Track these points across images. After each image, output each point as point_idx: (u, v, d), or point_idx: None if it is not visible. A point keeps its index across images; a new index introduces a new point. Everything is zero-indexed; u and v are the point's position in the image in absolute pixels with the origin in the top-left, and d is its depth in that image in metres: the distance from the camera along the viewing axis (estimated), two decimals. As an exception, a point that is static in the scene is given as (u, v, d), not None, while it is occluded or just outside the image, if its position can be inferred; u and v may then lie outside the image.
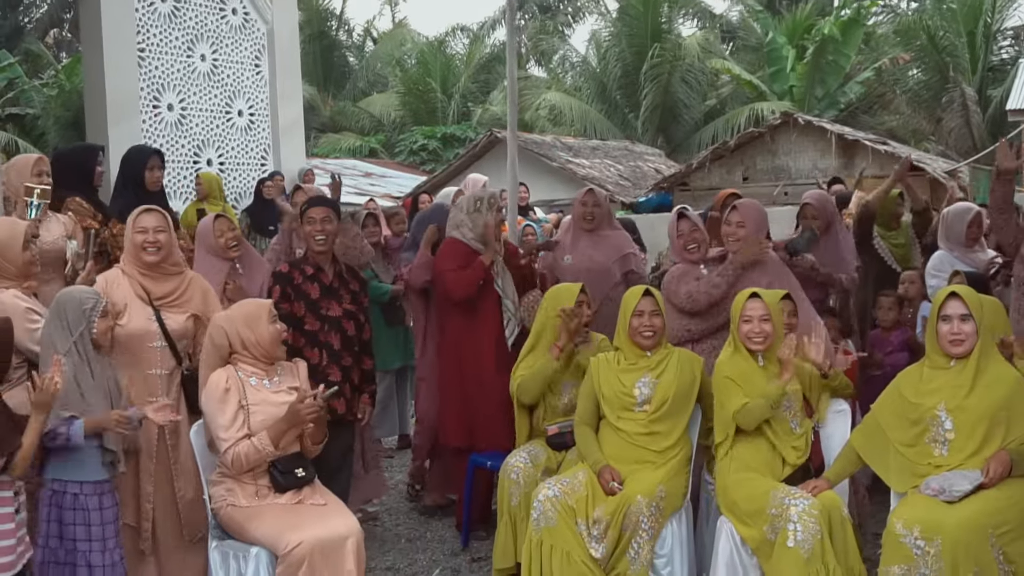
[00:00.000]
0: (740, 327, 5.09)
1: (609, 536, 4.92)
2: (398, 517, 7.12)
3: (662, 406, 5.19)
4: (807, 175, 20.95)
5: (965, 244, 7.24)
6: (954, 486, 4.48)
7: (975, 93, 31.83)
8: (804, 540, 4.58)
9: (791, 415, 5.04)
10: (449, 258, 6.53)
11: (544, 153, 23.58)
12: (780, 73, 31.99)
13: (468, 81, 36.59)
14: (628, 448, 5.20)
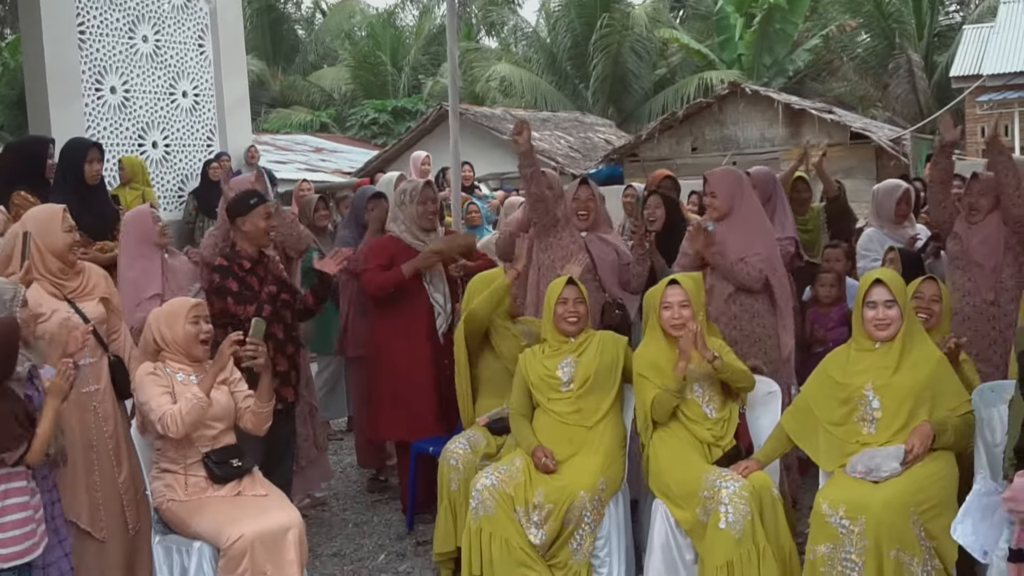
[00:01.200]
0: (661, 314, 5.17)
1: (550, 526, 5.01)
2: (345, 502, 7.18)
3: (584, 383, 5.30)
4: (755, 145, 21.12)
5: (894, 221, 7.36)
6: (880, 467, 4.59)
7: (921, 59, 32.14)
8: (735, 521, 4.68)
9: (704, 400, 5.13)
10: (375, 255, 6.56)
11: (494, 126, 23.57)
12: (729, 42, 32.14)
13: (418, 53, 36.47)
14: (561, 428, 5.29)
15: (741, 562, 4.66)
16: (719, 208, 5.99)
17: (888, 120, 28.76)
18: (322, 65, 39.99)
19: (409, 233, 6.53)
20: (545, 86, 31.75)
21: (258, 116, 32.75)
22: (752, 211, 6.05)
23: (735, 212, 6.00)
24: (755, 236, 5.95)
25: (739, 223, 5.98)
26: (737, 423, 5.16)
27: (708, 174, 6.20)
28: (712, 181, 6.08)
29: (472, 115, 23.80)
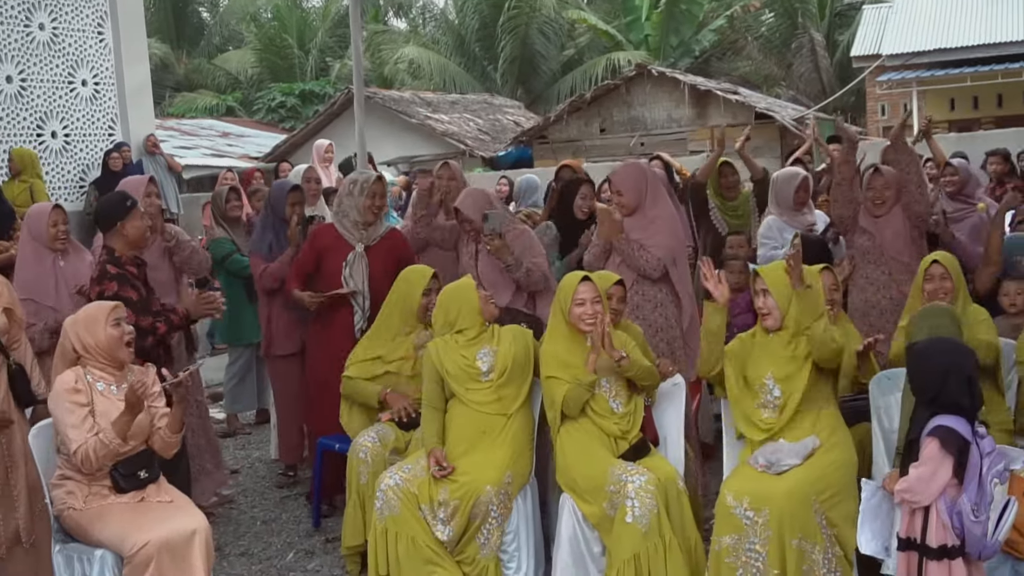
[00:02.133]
0: (572, 310, 5.16)
1: (457, 521, 4.99)
2: (254, 498, 7.09)
3: (504, 372, 5.29)
4: (662, 126, 21.29)
5: (793, 208, 7.47)
6: (781, 461, 4.67)
7: (823, 38, 32.66)
8: (642, 515, 4.71)
9: (610, 395, 5.15)
10: (308, 248, 6.55)
11: (403, 110, 23.44)
12: (636, 22, 32.28)
13: (326, 35, 36.06)
14: (478, 418, 5.25)
15: (648, 555, 4.69)
16: (627, 205, 6.01)
17: (792, 99, 29.18)
18: (228, 48, 39.37)
19: (348, 223, 6.46)
20: (454, 68, 31.63)
21: (162, 100, 32.16)
22: (659, 204, 6.07)
23: (643, 208, 6.02)
24: (660, 228, 5.99)
25: (647, 217, 6.01)
26: (643, 416, 5.19)
27: (612, 174, 6.21)
28: (616, 180, 6.09)
29: (380, 99, 23.63)
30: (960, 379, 3.93)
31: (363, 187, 6.44)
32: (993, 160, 9.76)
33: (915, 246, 6.22)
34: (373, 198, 6.43)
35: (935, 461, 3.87)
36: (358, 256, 6.43)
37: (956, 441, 3.84)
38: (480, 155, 22.26)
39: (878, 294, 6.21)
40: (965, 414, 3.90)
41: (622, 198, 6.02)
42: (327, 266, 6.45)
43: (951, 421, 3.89)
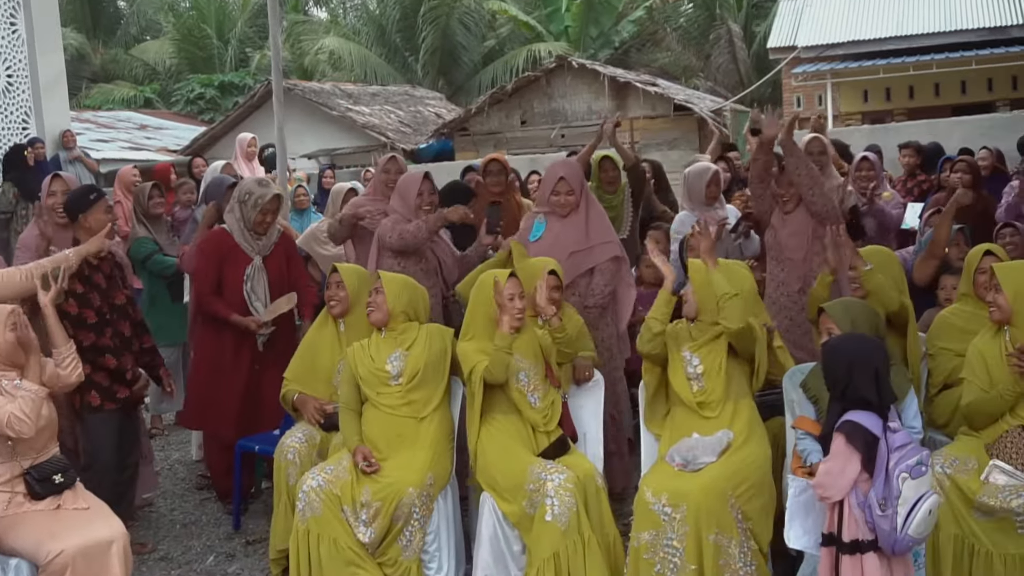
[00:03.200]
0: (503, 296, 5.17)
1: (379, 523, 4.96)
2: (173, 501, 6.99)
3: (414, 377, 5.27)
4: (583, 117, 21.38)
5: (705, 203, 7.53)
6: (697, 459, 4.72)
7: (741, 30, 32.94)
8: (561, 513, 4.74)
9: (528, 389, 5.17)
10: (208, 256, 6.43)
11: (323, 102, 23.26)
12: (556, 14, 32.36)
13: (245, 26, 35.60)
14: (391, 422, 5.24)
15: (567, 553, 4.72)
16: (575, 201, 6.15)
17: (710, 90, 29.44)
18: (145, 38, 38.67)
19: (241, 234, 6.38)
20: (375, 59, 31.41)
21: (78, 92, 31.55)
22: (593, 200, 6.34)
23: (585, 202, 6.21)
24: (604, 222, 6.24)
25: (591, 212, 6.20)
26: (560, 412, 5.22)
27: (563, 171, 6.22)
28: (569, 176, 6.17)
29: (300, 91, 23.43)
30: (867, 374, 3.97)
31: (257, 202, 6.35)
32: (906, 152, 9.92)
33: (819, 243, 6.17)
34: (265, 215, 6.37)
35: (843, 456, 3.92)
36: (257, 269, 6.38)
37: (863, 436, 3.89)
38: (401, 147, 22.17)
39: (777, 290, 6.22)
40: (875, 409, 3.95)
41: (572, 197, 6.15)
42: (227, 277, 6.38)
43: (860, 416, 3.94)
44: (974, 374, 4.88)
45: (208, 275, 6.41)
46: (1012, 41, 22.76)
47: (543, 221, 6.19)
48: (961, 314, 5.47)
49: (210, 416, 6.44)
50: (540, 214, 6.24)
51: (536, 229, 6.20)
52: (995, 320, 4.84)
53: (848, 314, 4.73)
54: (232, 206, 6.47)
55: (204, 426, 6.61)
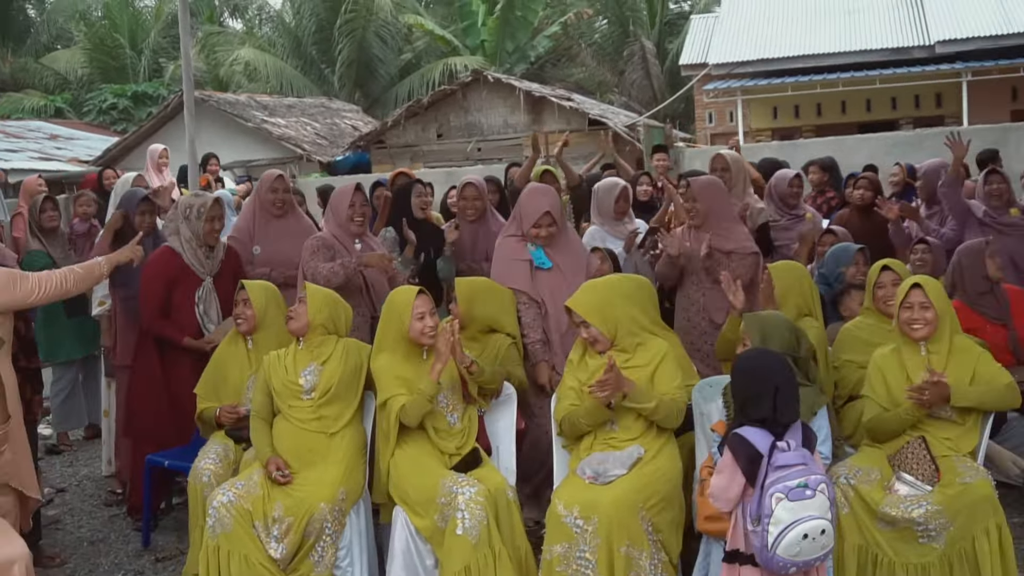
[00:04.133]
0: (412, 324, 5.14)
1: (291, 539, 4.89)
2: (80, 518, 6.83)
3: (327, 392, 5.22)
4: (499, 131, 21.41)
5: (614, 217, 7.59)
6: (608, 471, 4.73)
7: (654, 46, 33.34)
8: (472, 527, 4.71)
9: (448, 410, 5.16)
10: (152, 281, 6.25)
11: (239, 113, 22.97)
12: (472, 28, 32.40)
13: (159, 36, 35.01)
14: (302, 436, 5.17)
15: (478, 566, 4.69)
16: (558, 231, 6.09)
17: (624, 105, 29.71)
18: (56, 47, 37.91)
19: (193, 252, 6.26)
20: (291, 71, 31.13)
21: (-14, 101, 30.85)
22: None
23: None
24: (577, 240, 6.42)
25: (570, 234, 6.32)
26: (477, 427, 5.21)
27: (548, 204, 5.98)
28: (553, 208, 6.02)
29: (215, 102, 23.12)
30: (766, 391, 3.99)
31: (200, 211, 6.26)
32: (813, 170, 10.07)
33: None
34: (212, 222, 6.28)
35: (729, 469, 3.94)
36: (208, 291, 6.28)
37: (745, 451, 3.89)
38: (318, 159, 22.00)
39: (698, 315, 6.28)
40: (768, 425, 3.96)
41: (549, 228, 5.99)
42: (176, 299, 6.26)
43: (748, 432, 3.94)
44: (873, 390, 4.97)
45: (157, 297, 6.23)
46: (914, 61, 23.38)
47: (538, 247, 5.98)
48: (864, 327, 5.59)
49: (155, 431, 6.25)
50: (527, 240, 6.01)
51: (539, 256, 5.97)
52: (918, 336, 4.91)
53: (761, 328, 4.75)
54: (177, 227, 6.34)
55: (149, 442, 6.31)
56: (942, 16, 23.69)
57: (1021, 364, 5.90)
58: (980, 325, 6.06)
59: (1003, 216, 7.31)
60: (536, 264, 5.94)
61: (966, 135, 8.08)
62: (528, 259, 5.94)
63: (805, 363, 4.75)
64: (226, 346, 5.86)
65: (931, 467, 4.64)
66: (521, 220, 6.01)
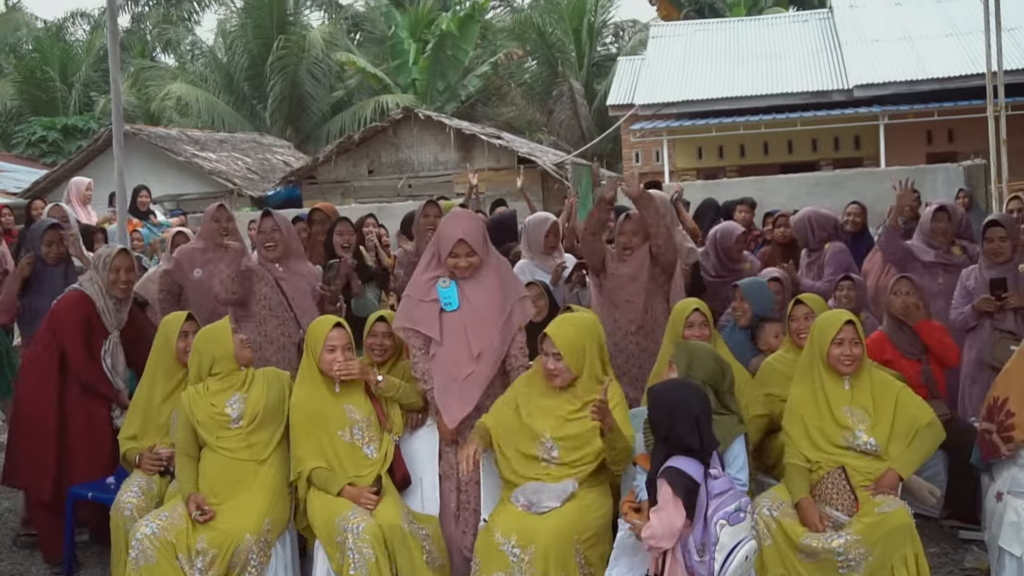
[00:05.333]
0: (322, 356, 5.10)
1: (215, 571, 4.79)
2: (0, 552, 6.64)
3: (254, 419, 5.16)
4: (429, 168, 21.44)
5: (543, 251, 7.61)
6: (542, 501, 4.70)
7: (582, 87, 33.68)
8: (361, 566, 4.70)
9: (363, 442, 5.13)
10: (76, 323, 6.06)
11: (169, 147, 22.76)
12: (404, 66, 32.52)
13: (90, 70, 34.65)
14: (230, 466, 5.11)
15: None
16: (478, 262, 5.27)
17: (553, 144, 29.93)
18: (-16, 79, 37.34)
19: (103, 302, 6.10)
20: (222, 106, 30.96)
21: (-89, 132, 30.24)
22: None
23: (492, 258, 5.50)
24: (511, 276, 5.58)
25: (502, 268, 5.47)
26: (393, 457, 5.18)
27: (461, 231, 5.21)
28: (468, 235, 5.20)
29: (146, 135, 22.89)
30: (687, 420, 4.00)
31: (106, 262, 6.12)
32: (740, 208, 10.17)
33: (657, 287, 6.39)
34: (118, 272, 6.11)
35: (670, 504, 3.93)
36: (114, 344, 6.15)
37: (684, 483, 3.90)
38: (249, 194, 21.85)
39: (626, 339, 6.33)
40: (695, 455, 3.97)
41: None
42: (92, 345, 6.09)
43: (681, 462, 3.95)
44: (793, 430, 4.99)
45: (82, 342, 6.04)
46: (833, 104, 23.87)
47: (448, 284, 5.20)
48: (785, 360, 5.64)
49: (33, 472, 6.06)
50: (442, 276, 5.23)
51: (447, 296, 5.19)
52: (847, 372, 4.95)
53: (689, 357, 4.77)
54: (90, 274, 6.22)
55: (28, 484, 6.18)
56: (860, 61, 24.23)
57: (934, 398, 5.98)
58: (895, 358, 6.15)
59: (951, 257, 7.36)
60: (442, 304, 5.16)
61: (883, 176, 8.19)
62: (435, 299, 5.17)
63: (726, 394, 4.77)
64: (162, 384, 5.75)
65: (851, 498, 4.68)
66: (439, 250, 5.26)
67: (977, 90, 17.57)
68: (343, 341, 5.12)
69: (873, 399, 4.92)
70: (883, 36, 24.95)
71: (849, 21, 26.10)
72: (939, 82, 22.85)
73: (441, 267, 5.20)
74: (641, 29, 36.32)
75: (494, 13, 42.13)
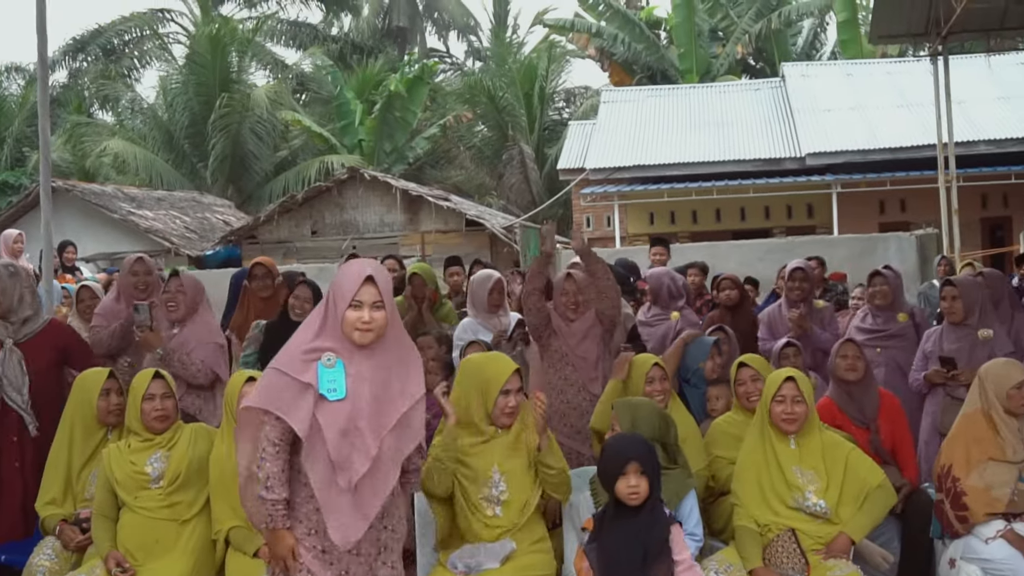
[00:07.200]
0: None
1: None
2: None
3: (176, 479, 5.07)
4: (375, 229, 21.44)
5: (487, 310, 7.61)
6: (481, 564, 4.65)
7: (533, 151, 33.94)
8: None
9: None
10: None
11: (104, 204, 22.60)
12: (350, 127, 32.61)
13: (23, 124, 34.37)
14: (150, 526, 5.00)
15: None
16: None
17: (503, 208, 30.10)
18: (-86, 133, 36.92)
19: None
20: (161, 164, 30.82)
21: None
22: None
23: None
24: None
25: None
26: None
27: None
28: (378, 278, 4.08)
29: (80, 192, 22.73)
30: None
31: None
32: (692, 272, 10.23)
33: (602, 346, 6.41)
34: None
35: None
36: (8, 351, 6.02)
37: None
38: (187, 253, 21.71)
39: (578, 396, 6.33)
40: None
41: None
42: None
43: None
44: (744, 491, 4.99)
45: None
46: (786, 172, 24.23)
47: (334, 363, 3.90)
48: (734, 422, 5.65)
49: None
50: (326, 353, 3.91)
51: (328, 379, 3.87)
52: (790, 430, 4.96)
53: (631, 415, 4.78)
54: None
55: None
56: (812, 130, 24.68)
57: (885, 464, 6.00)
58: (844, 424, 6.17)
59: (890, 325, 7.44)
60: (324, 392, 3.85)
61: (836, 244, 8.30)
62: (310, 382, 3.85)
63: (674, 448, 4.77)
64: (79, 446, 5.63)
65: (801, 561, 4.67)
66: (334, 305, 3.93)
67: (929, 160, 17.98)
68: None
69: (822, 460, 4.94)
70: (835, 105, 25.47)
71: (801, 90, 26.62)
72: (891, 152, 23.30)
73: (329, 337, 3.91)
74: (593, 95, 36.78)
75: (444, 76, 42.59)
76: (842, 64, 30.06)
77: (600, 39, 34.92)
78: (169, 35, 40.73)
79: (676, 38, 33.52)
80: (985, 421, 5.21)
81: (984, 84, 23.55)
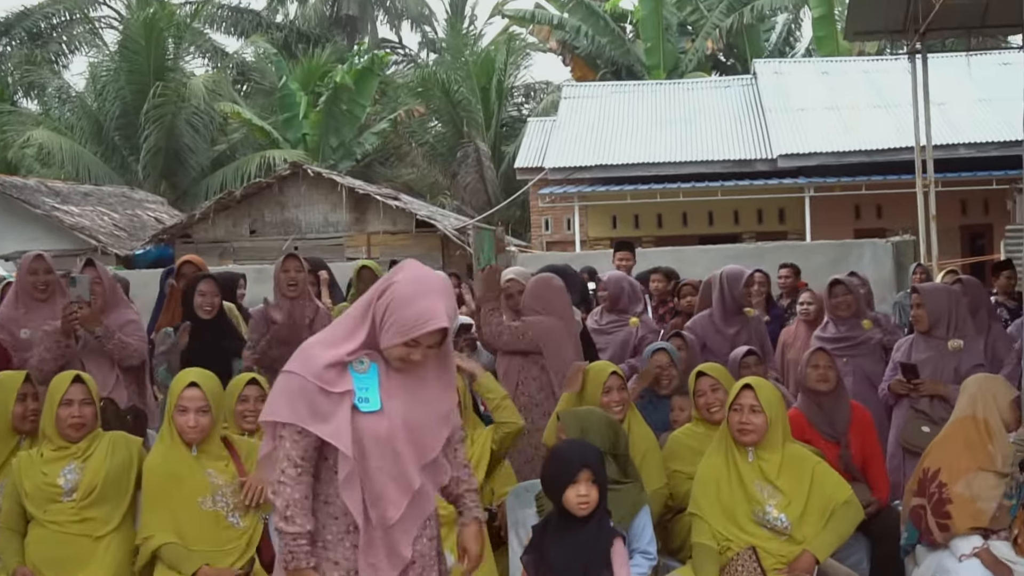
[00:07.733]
0: (176, 420, 4.98)
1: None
2: None
3: (91, 492, 4.97)
4: (318, 229, 21.31)
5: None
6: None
7: (489, 149, 33.89)
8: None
9: (228, 511, 4.98)
10: None
11: (26, 198, 22.37)
12: (293, 120, 32.45)
13: (-59, 113, 34.04)
14: (63, 542, 4.92)
15: None
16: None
17: (457, 208, 30.05)
18: None
19: None
20: (89, 157, 30.51)
21: None
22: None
23: None
24: None
25: None
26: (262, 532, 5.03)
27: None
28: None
29: (0, 185, 22.48)
30: None
31: None
32: (655, 278, 10.25)
33: None
34: None
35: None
36: None
37: None
38: (115, 252, 21.50)
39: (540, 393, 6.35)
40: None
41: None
42: None
43: None
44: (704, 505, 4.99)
45: None
46: (756, 175, 24.28)
47: (367, 368, 3.55)
48: (694, 435, 5.65)
49: None
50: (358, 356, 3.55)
51: (364, 386, 3.53)
52: (745, 442, 4.95)
53: (578, 424, 4.77)
54: None
55: None
56: (784, 130, 24.76)
57: (855, 480, 6.01)
58: (814, 438, 6.17)
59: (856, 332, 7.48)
60: (355, 402, 3.49)
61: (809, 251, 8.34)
62: (348, 390, 3.49)
63: (624, 460, 4.76)
64: None
65: (762, 579, 4.67)
66: (386, 328, 3.50)
67: (906, 164, 18.06)
68: (196, 404, 4.96)
69: (784, 473, 4.93)
70: (809, 105, 25.58)
71: (773, 88, 26.75)
72: (867, 154, 23.39)
73: (363, 343, 3.54)
74: (554, 90, 36.85)
75: (395, 68, 42.55)
76: (817, 62, 30.27)
77: (562, 31, 34.99)
78: (101, 19, 40.59)
79: (643, 32, 33.64)
80: (978, 428, 5.21)
81: (965, 85, 23.72)
